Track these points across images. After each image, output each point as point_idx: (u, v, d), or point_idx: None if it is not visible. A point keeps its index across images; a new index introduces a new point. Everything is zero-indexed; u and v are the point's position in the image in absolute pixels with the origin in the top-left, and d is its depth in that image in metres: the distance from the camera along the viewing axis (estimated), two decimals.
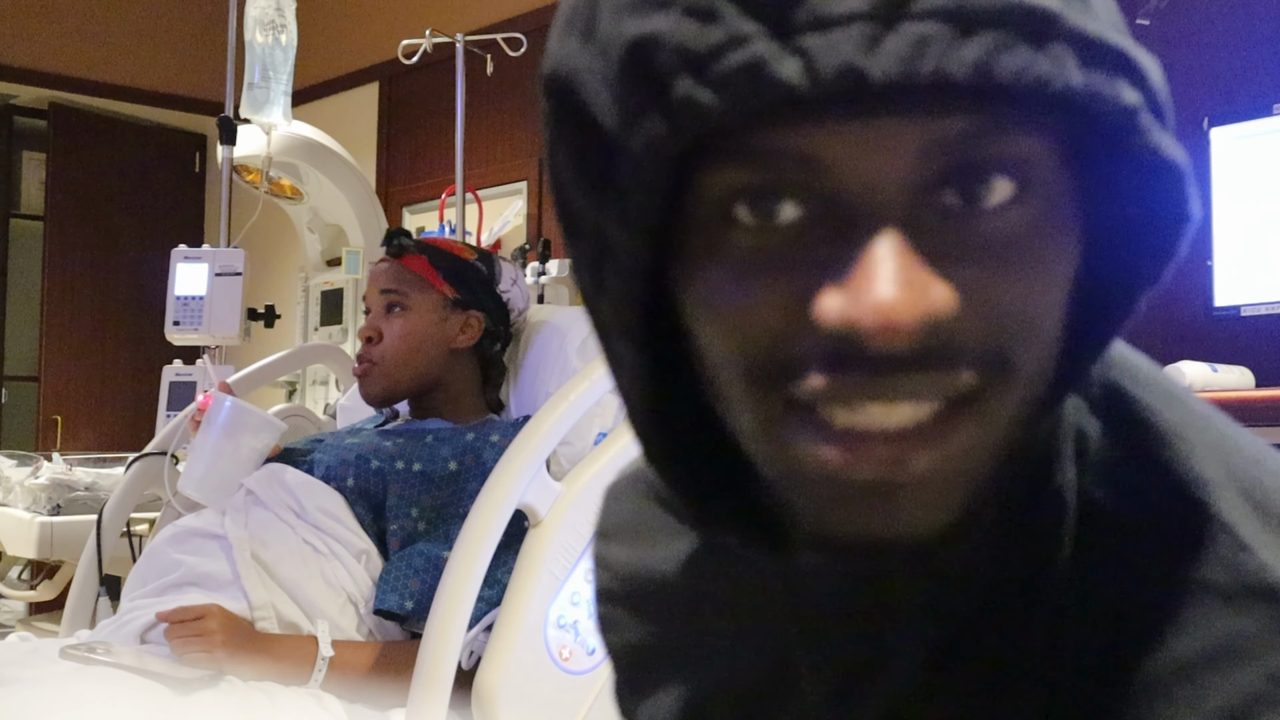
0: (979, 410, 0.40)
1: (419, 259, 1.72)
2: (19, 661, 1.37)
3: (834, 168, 0.38)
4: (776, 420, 0.41)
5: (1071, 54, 0.37)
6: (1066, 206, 0.40)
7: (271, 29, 2.73)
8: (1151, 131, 0.39)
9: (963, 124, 0.37)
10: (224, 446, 1.69)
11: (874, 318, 0.36)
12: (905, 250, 0.37)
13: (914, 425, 0.39)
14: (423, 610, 1.45)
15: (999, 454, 0.41)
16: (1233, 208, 2.09)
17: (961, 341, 0.38)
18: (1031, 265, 0.39)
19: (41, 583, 3.13)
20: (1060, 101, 0.37)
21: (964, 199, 0.38)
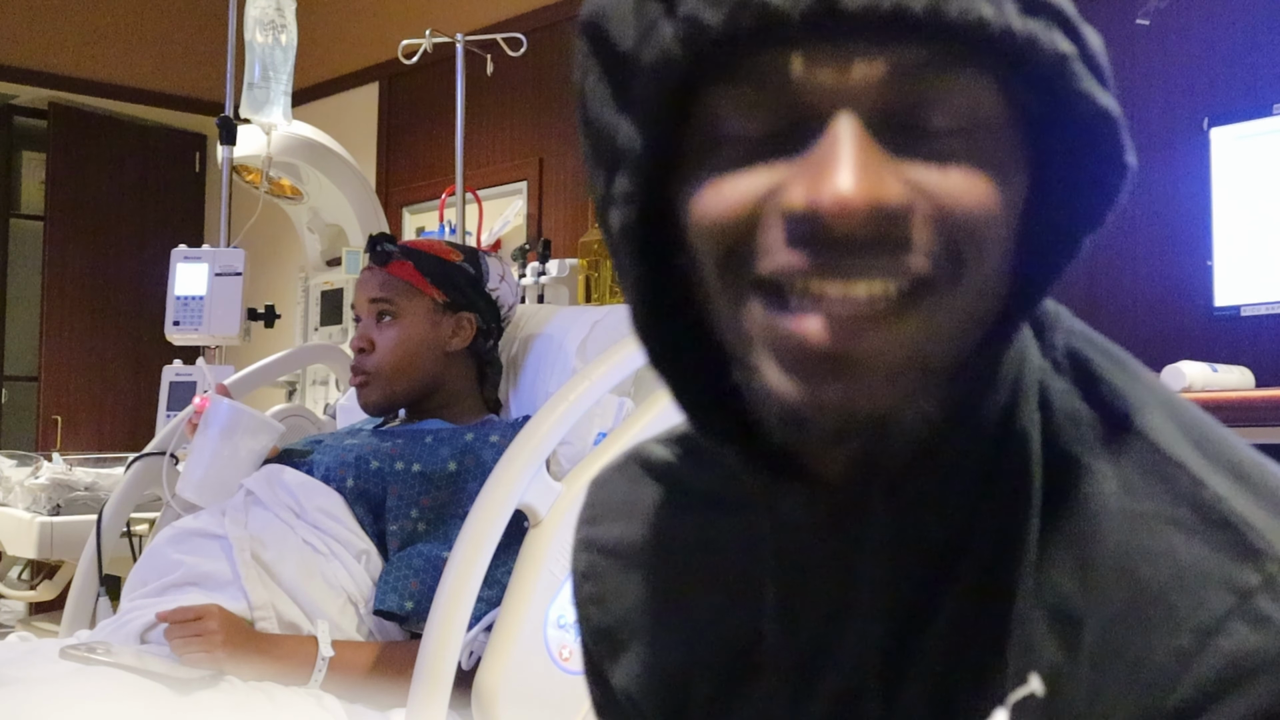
0: (932, 298, 0.45)
1: (405, 265, 1.72)
2: (19, 661, 1.37)
3: (809, 82, 0.44)
4: (748, 298, 0.47)
5: (1012, 3, 0.44)
6: (1011, 143, 0.47)
7: (271, 29, 2.73)
8: (1083, 78, 0.45)
9: (920, 54, 0.44)
10: (222, 449, 1.69)
11: (832, 201, 0.43)
12: (863, 142, 0.44)
13: (868, 300, 0.44)
14: (422, 610, 1.45)
15: (955, 354, 0.47)
16: (1233, 208, 2.09)
17: (913, 232, 0.44)
18: (974, 182, 0.45)
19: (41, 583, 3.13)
20: (1002, 43, 0.43)
21: (917, 118, 0.45)
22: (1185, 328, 2.37)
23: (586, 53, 0.50)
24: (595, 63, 0.49)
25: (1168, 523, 0.47)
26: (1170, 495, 0.47)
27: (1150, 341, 2.42)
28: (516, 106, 4.05)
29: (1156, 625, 0.45)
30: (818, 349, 0.45)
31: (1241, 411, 1.76)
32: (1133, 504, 0.48)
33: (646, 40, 0.46)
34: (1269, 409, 1.73)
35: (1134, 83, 2.50)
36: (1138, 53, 2.50)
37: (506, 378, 1.91)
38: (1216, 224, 2.10)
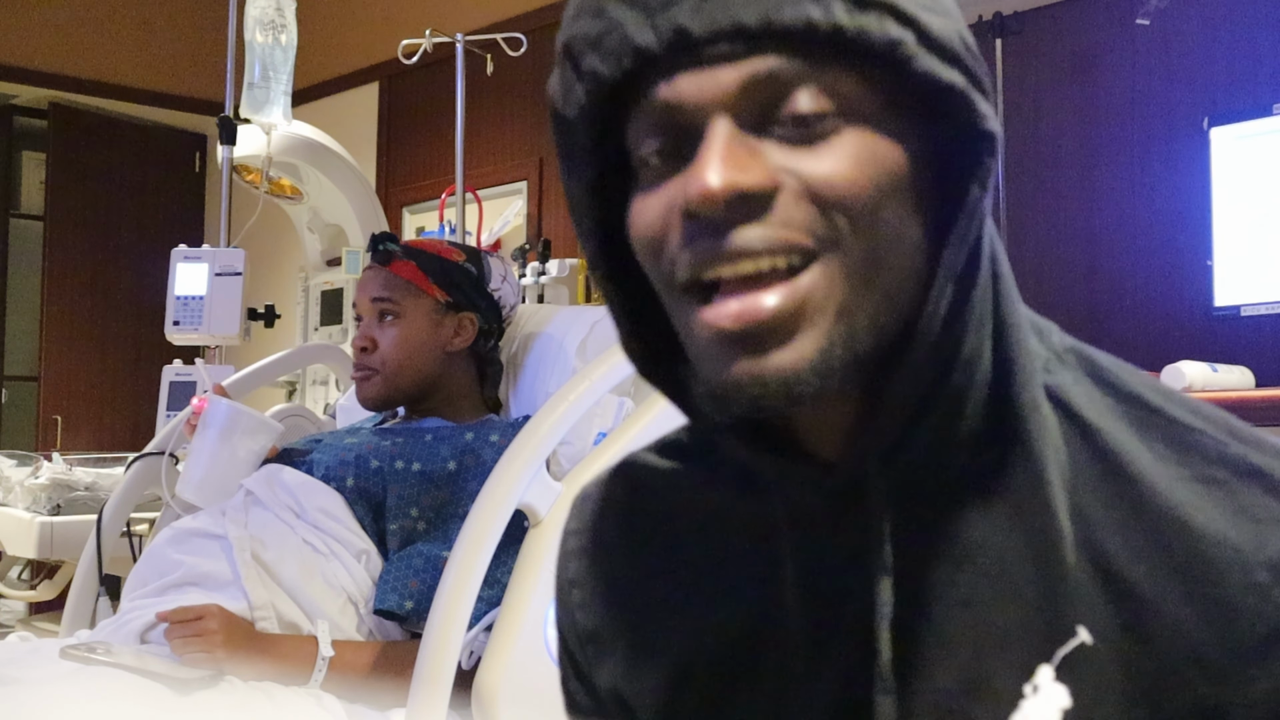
0: (819, 268, 0.51)
1: (408, 265, 1.72)
2: (19, 661, 1.37)
3: (684, 106, 0.52)
4: (680, 303, 0.55)
5: (840, 2, 0.50)
6: (880, 120, 0.52)
7: (271, 29, 2.73)
8: (918, 59, 0.51)
9: (770, 59, 0.51)
10: (220, 450, 1.69)
11: (696, 193, 0.50)
12: (730, 142, 0.51)
13: (755, 274, 0.51)
14: (422, 610, 1.45)
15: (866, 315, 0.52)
16: (1233, 208, 2.09)
17: (785, 211, 0.51)
18: (841, 158, 0.51)
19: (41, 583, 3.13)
20: (836, 38, 0.50)
21: (783, 110, 0.52)
22: (1185, 328, 2.37)
23: (550, 125, 0.58)
24: (554, 129, 0.58)
25: (1207, 480, 0.53)
26: (1201, 457, 0.54)
27: (1150, 341, 2.42)
28: (516, 106, 4.05)
29: (1226, 567, 0.51)
30: (725, 332, 0.52)
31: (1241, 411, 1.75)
32: (1168, 468, 0.54)
33: (568, 99, 0.55)
34: (1269, 409, 1.73)
35: (1134, 83, 2.50)
36: (1138, 53, 2.50)
37: (506, 377, 1.91)
38: (1216, 224, 2.10)
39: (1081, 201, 2.57)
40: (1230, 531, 0.52)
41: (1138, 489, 0.54)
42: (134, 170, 5.30)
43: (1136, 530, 0.53)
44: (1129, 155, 2.51)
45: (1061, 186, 2.60)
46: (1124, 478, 0.55)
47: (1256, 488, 0.53)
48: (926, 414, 0.55)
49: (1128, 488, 0.54)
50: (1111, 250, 2.52)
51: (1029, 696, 0.53)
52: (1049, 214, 2.59)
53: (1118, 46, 2.53)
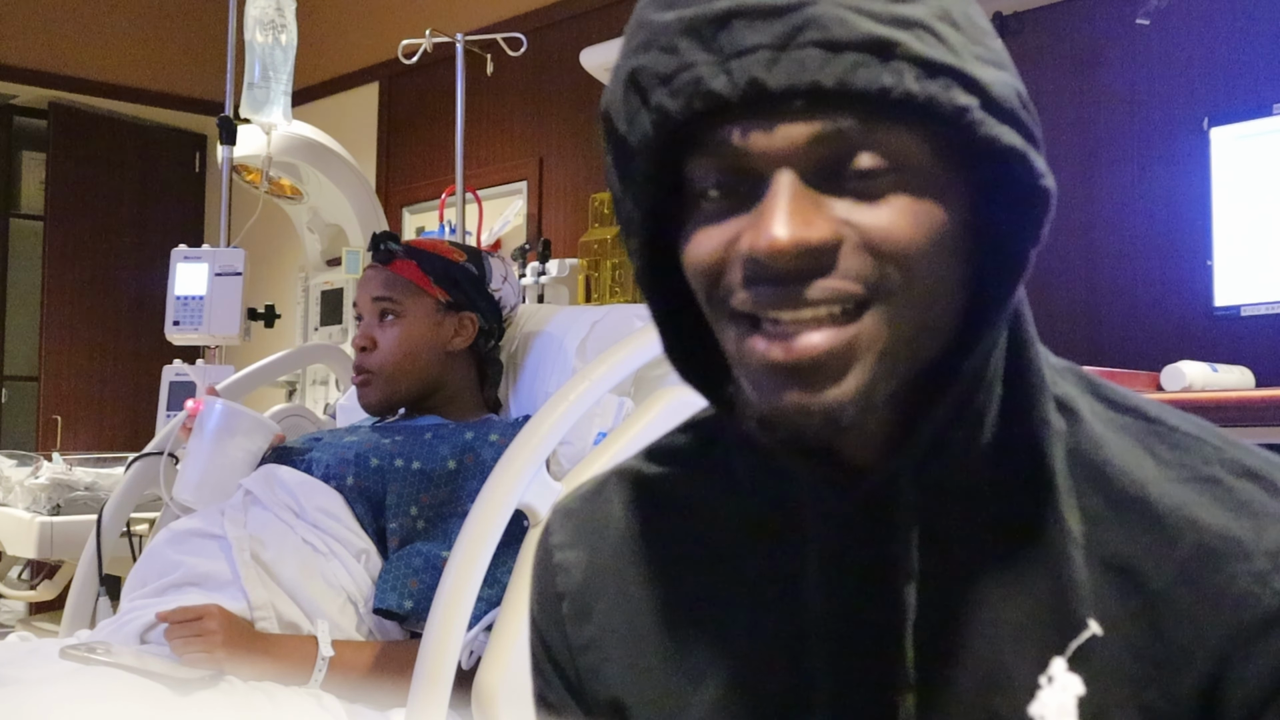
0: (870, 314, 0.55)
1: (409, 264, 1.72)
2: (19, 661, 1.37)
3: (753, 149, 0.55)
4: (725, 327, 0.58)
5: (911, 69, 0.53)
6: (936, 178, 0.56)
7: (271, 29, 2.73)
8: (985, 124, 0.54)
9: (841, 116, 0.54)
10: (216, 451, 1.69)
11: (766, 246, 0.54)
12: (796, 195, 0.54)
13: (812, 320, 0.55)
14: (422, 610, 1.45)
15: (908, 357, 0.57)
16: (1233, 208, 2.09)
17: (845, 263, 0.55)
18: (899, 213, 0.55)
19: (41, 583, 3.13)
20: (906, 103, 0.53)
21: (847, 166, 0.55)
22: (1185, 328, 2.37)
23: (603, 136, 0.62)
24: (608, 144, 0.61)
25: (1207, 480, 0.59)
26: (1201, 460, 0.59)
27: (1150, 341, 2.42)
28: (516, 106, 4.05)
29: (1228, 556, 0.56)
30: (777, 364, 0.55)
31: (1241, 411, 1.76)
32: (1170, 471, 0.59)
33: (632, 127, 0.58)
34: (1269, 409, 1.73)
35: (1134, 83, 2.50)
36: (1138, 52, 2.50)
37: (506, 377, 1.91)
38: (1216, 224, 2.10)
39: (1081, 201, 2.57)
40: (1231, 525, 0.57)
41: (1144, 490, 0.59)
42: (134, 170, 5.29)
43: (1144, 528, 0.58)
44: (1129, 155, 2.51)
45: (1061, 186, 2.59)
46: (1130, 480, 0.60)
47: (1254, 486, 0.58)
48: (954, 430, 0.59)
49: (1134, 489, 0.59)
50: (1111, 250, 2.52)
51: (1045, 687, 0.58)
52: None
53: (1118, 46, 2.53)
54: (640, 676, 0.67)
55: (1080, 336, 2.50)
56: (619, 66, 0.59)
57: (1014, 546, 0.60)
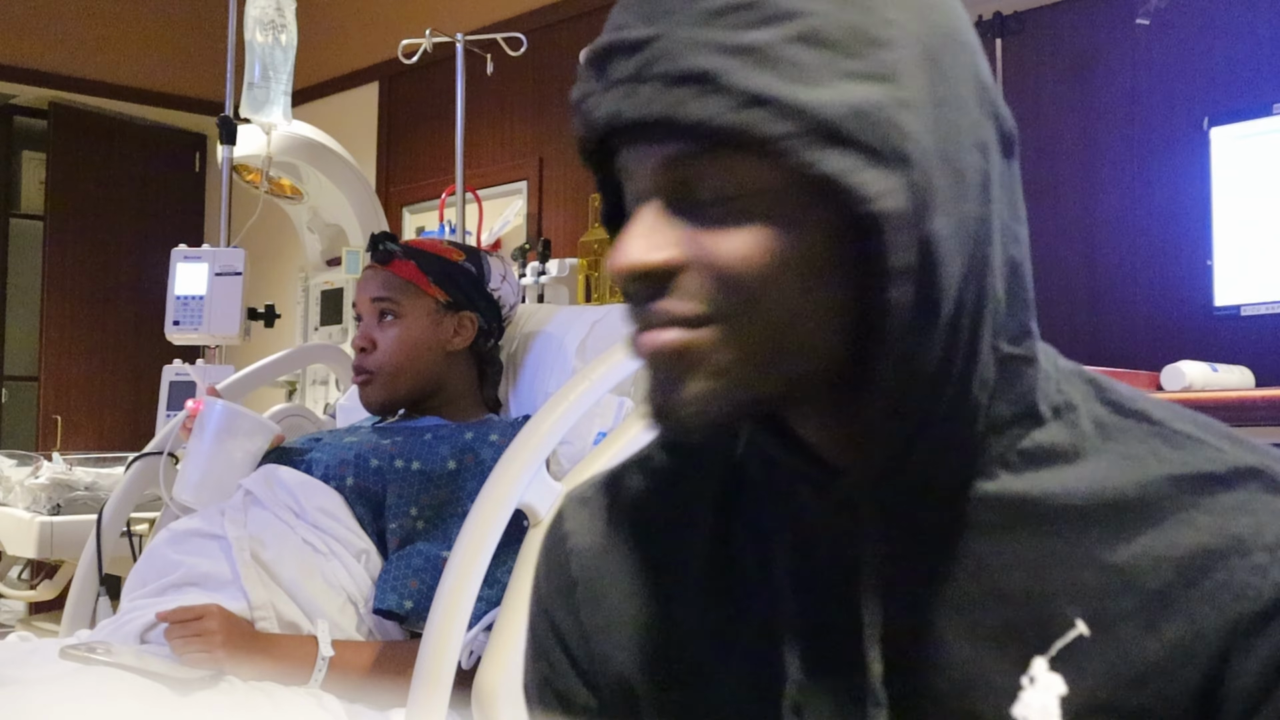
0: (710, 330, 0.57)
1: (408, 264, 1.72)
2: (19, 661, 1.37)
3: (632, 173, 0.60)
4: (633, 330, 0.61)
5: (728, 99, 0.55)
6: (788, 205, 0.56)
7: (271, 29, 2.73)
8: (795, 151, 0.54)
9: (684, 150, 0.57)
10: (216, 452, 1.69)
11: (614, 266, 0.58)
12: (652, 220, 0.58)
13: (663, 335, 0.58)
14: (422, 610, 1.45)
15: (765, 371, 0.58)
16: (1233, 207, 2.09)
17: (686, 285, 0.58)
18: (742, 239, 0.56)
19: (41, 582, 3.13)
20: (725, 133, 0.55)
21: (698, 193, 0.57)
22: (1185, 327, 2.37)
23: None
24: None
25: (1208, 479, 0.59)
26: (1204, 459, 0.59)
27: (1150, 341, 2.42)
28: (516, 106, 4.05)
29: (1227, 553, 0.57)
30: (644, 355, 0.59)
31: (1241, 411, 1.76)
32: (1171, 470, 0.59)
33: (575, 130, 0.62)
34: (1269, 409, 1.73)
35: (1134, 83, 2.50)
36: (1138, 52, 2.50)
37: (506, 377, 1.91)
38: (1216, 224, 2.10)
39: (1081, 201, 2.57)
40: (1231, 525, 0.57)
41: (1142, 493, 0.59)
42: (134, 170, 5.30)
43: (1142, 530, 0.58)
44: (1129, 155, 2.51)
45: (1061, 186, 2.60)
46: (1129, 483, 0.60)
47: (1254, 484, 0.58)
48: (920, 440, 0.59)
49: (1132, 491, 0.59)
50: (1111, 250, 2.52)
51: (1027, 688, 0.58)
52: (1049, 214, 2.59)
53: (1118, 46, 2.53)
54: (650, 661, 0.69)
55: (1080, 336, 2.50)
56: None
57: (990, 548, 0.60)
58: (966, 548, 0.60)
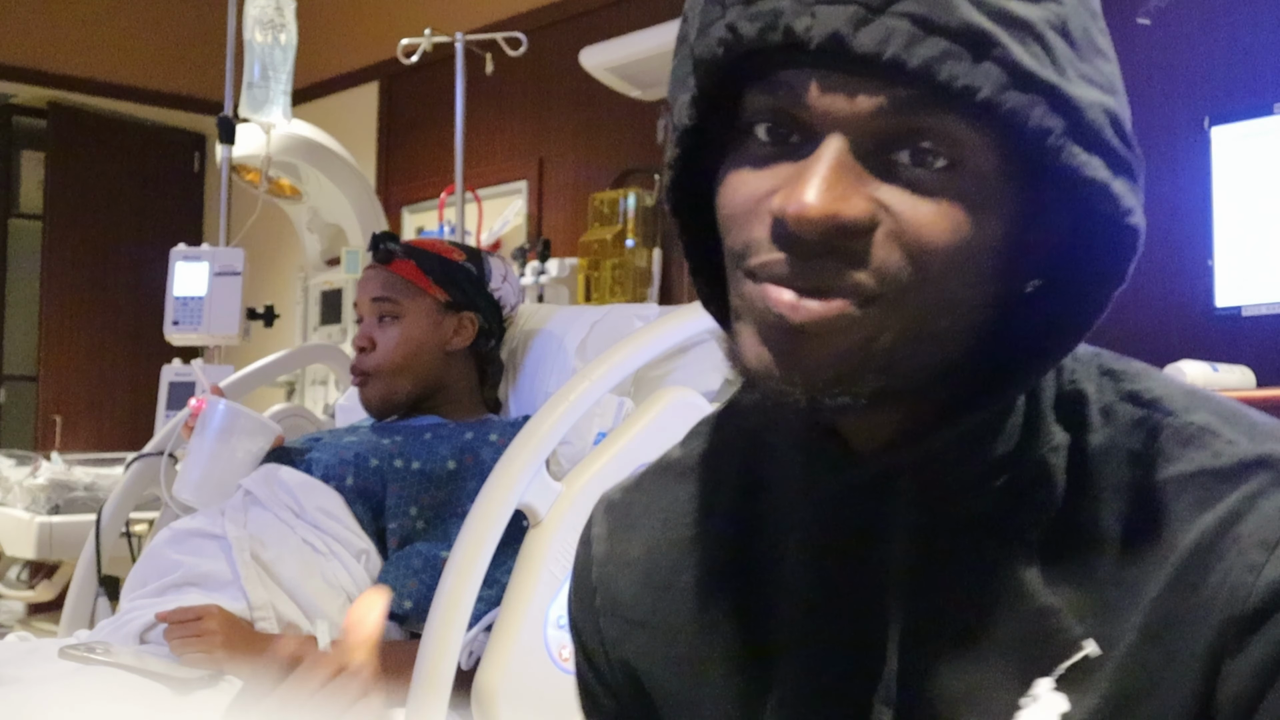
0: (876, 309, 0.52)
1: (408, 264, 1.72)
2: (18, 661, 1.37)
3: (816, 103, 0.52)
4: (739, 279, 0.55)
5: (1002, 74, 0.49)
6: (995, 190, 0.52)
7: (271, 28, 2.73)
8: (1067, 150, 0.51)
9: (911, 96, 0.50)
10: (219, 451, 1.69)
11: (795, 211, 0.50)
12: (841, 165, 0.51)
13: (822, 303, 0.52)
14: (422, 610, 1.45)
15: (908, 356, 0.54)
16: (1233, 207, 2.09)
17: (872, 248, 0.51)
18: (942, 214, 0.51)
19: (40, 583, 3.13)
20: (985, 108, 0.49)
21: (902, 149, 0.51)
22: (1186, 328, 2.36)
23: (679, 36, 0.58)
24: (681, 45, 0.58)
25: (1215, 475, 0.55)
26: (1212, 454, 0.56)
27: (1151, 341, 2.42)
28: (516, 106, 4.05)
29: (1224, 552, 0.53)
30: (783, 322, 0.52)
31: None
32: (1180, 468, 0.56)
33: (702, 37, 0.54)
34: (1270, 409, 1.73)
35: (1135, 82, 2.50)
36: (1139, 52, 2.50)
37: (506, 377, 1.91)
38: (1217, 223, 2.10)
39: None
40: (1233, 521, 0.54)
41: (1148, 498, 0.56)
42: (133, 170, 5.29)
43: (1145, 538, 0.56)
44: None
45: None
46: (1136, 487, 0.57)
47: (1262, 477, 0.55)
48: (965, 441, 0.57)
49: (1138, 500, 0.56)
50: None
51: (1025, 707, 0.55)
52: None
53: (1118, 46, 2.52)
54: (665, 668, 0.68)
55: None
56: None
57: (1005, 564, 0.57)
58: (983, 557, 0.58)
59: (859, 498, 0.60)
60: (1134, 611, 0.55)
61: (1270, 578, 0.52)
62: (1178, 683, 0.54)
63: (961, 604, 0.58)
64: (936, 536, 0.58)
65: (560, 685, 1.43)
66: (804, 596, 0.61)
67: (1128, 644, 0.54)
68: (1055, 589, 0.56)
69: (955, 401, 0.57)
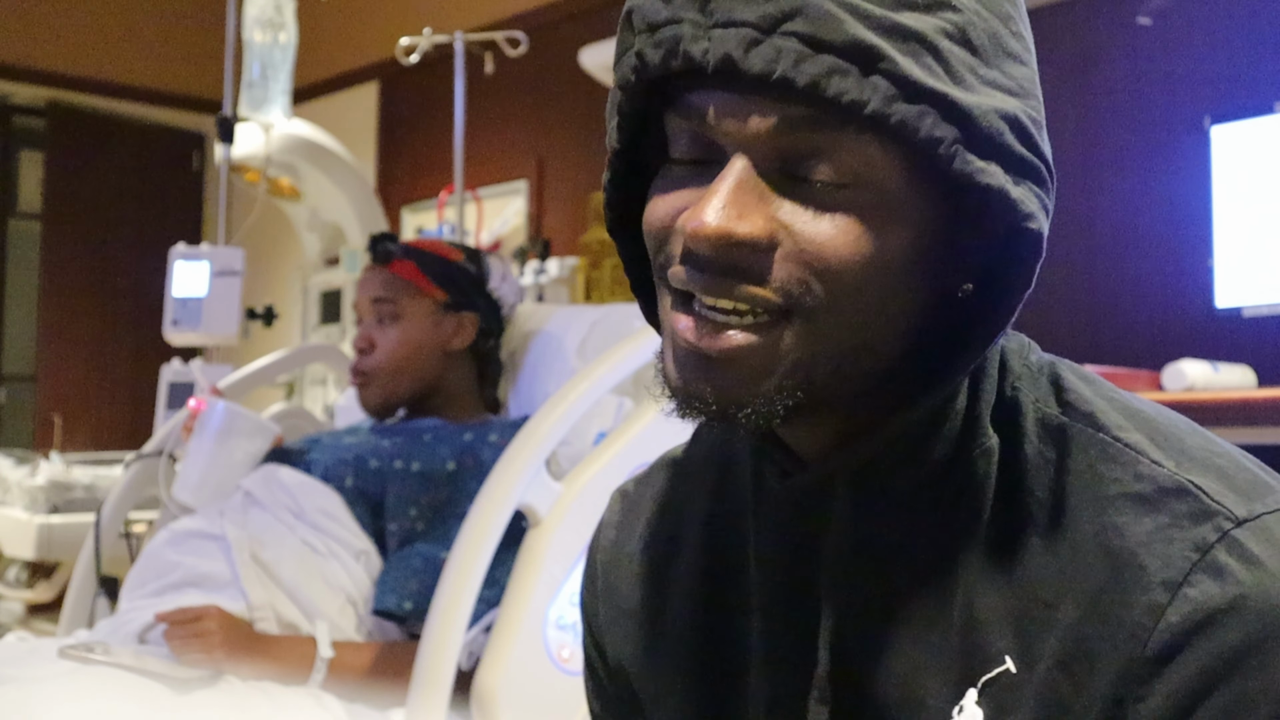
0: (789, 328, 0.53)
1: (407, 264, 1.71)
2: (17, 661, 1.36)
3: (719, 125, 0.53)
4: (663, 294, 0.58)
5: (890, 87, 0.50)
6: (900, 202, 0.53)
7: (270, 27, 2.72)
8: (959, 158, 0.51)
9: (805, 115, 0.52)
10: (218, 452, 1.69)
11: (692, 230, 0.52)
12: (742, 185, 0.53)
13: (724, 318, 0.54)
14: (422, 611, 1.45)
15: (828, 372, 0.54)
16: (1233, 207, 2.09)
17: (773, 265, 0.53)
18: (844, 230, 0.52)
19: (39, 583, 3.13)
20: (876, 122, 0.50)
21: (803, 168, 0.53)
22: (1186, 328, 2.36)
23: None
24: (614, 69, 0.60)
25: (1133, 499, 0.54)
26: (1134, 476, 0.55)
27: (1152, 340, 2.41)
28: (516, 106, 4.05)
29: (1130, 586, 0.52)
30: (692, 346, 0.55)
31: (1243, 411, 1.75)
32: (1101, 489, 0.55)
33: (619, 63, 0.57)
34: (1270, 409, 1.73)
35: (1135, 81, 2.50)
36: (1139, 51, 2.49)
37: (506, 377, 1.90)
38: (1217, 223, 2.10)
39: (1082, 201, 2.57)
40: (1141, 553, 0.52)
41: (1068, 517, 0.55)
42: (132, 169, 5.29)
43: (1065, 558, 0.55)
44: (1130, 155, 2.51)
45: (1062, 186, 2.60)
46: (1058, 504, 0.56)
47: (1180, 507, 0.53)
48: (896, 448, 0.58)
49: (1059, 517, 0.56)
50: (1113, 249, 2.52)
51: (955, 718, 0.55)
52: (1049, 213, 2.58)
53: (1118, 46, 2.53)
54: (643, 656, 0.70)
55: (1081, 336, 2.49)
56: None
57: (939, 569, 0.57)
58: (917, 562, 0.58)
59: (804, 502, 0.61)
60: (1051, 634, 0.54)
61: (1170, 622, 0.50)
62: (1085, 715, 0.52)
63: (894, 608, 0.58)
64: (870, 541, 0.59)
65: (560, 686, 1.42)
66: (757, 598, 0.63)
67: (1045, 667, 0.53)
68: (983, 599, 0.56)
69: (892, 406, 0.58)
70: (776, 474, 0.62)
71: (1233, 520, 0.52)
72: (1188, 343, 2.29)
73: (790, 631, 0.61)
